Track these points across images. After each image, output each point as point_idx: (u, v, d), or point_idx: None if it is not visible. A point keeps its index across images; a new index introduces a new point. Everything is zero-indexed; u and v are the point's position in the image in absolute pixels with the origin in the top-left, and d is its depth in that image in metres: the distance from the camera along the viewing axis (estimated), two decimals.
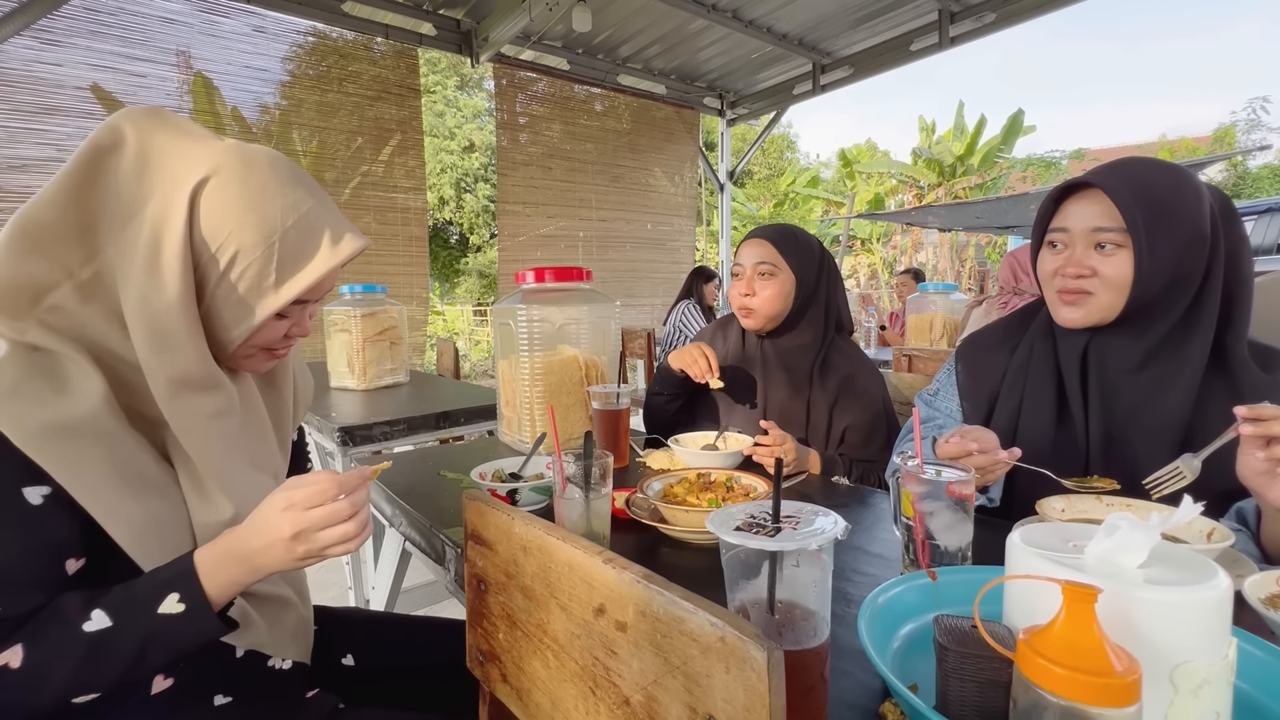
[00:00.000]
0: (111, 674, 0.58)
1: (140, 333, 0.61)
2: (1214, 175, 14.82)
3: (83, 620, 0.57)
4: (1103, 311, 0.88)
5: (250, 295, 0.65)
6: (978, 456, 0.80)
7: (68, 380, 0.60)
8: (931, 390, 1.13)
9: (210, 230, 0.62)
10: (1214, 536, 0.68)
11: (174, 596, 0.59)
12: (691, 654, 0.41)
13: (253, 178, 0.64)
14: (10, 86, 2.98)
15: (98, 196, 0.61)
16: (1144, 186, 0.85)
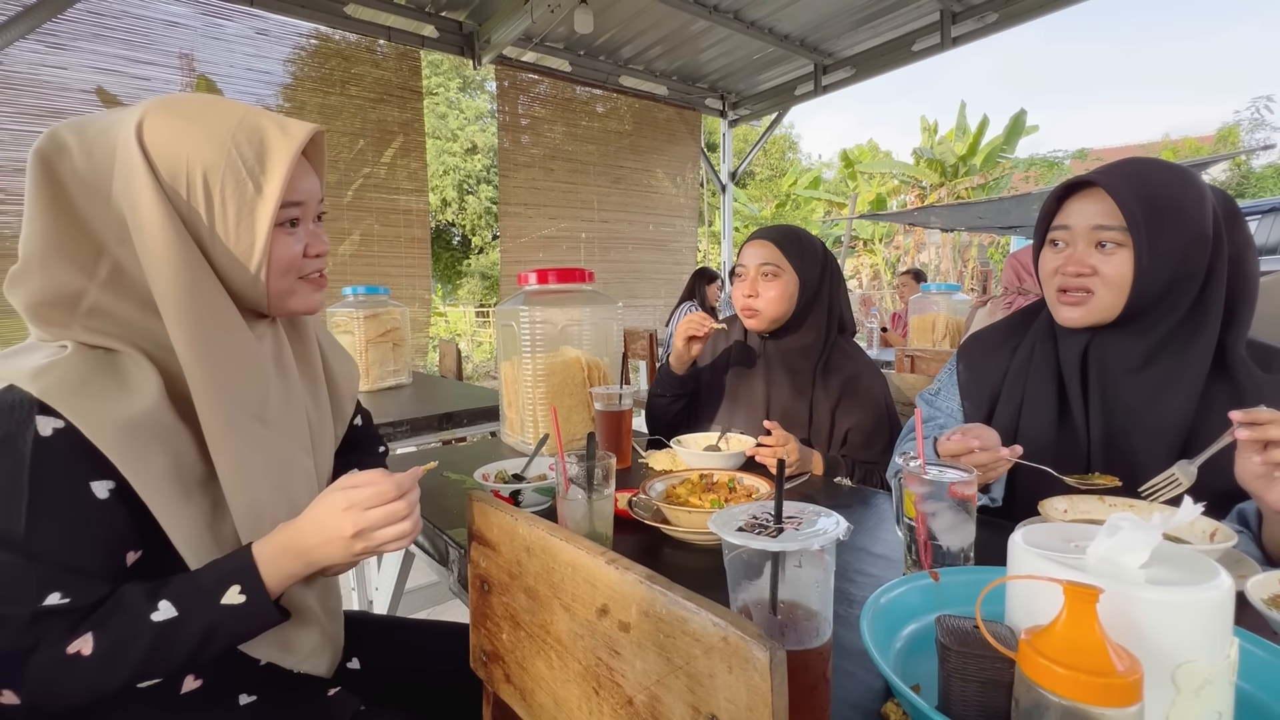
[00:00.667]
0: (176, 661, 0.60)
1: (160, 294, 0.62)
2: (1218, 175, 14.79)
3: (151, 610, 0.59)
4: (1103, 311, 0.88)
5: (242, 212, 0.65)
6: (979, 454, 0.80)
7: (127, 376, 0.62)
8: (933, 390, 1.13)
9: (169, 161, 0.62)
10: (1217, 537, 0.68)
11: (236, 588, 0.62)
12: (694, 654, 0.41)
13: (179, 104, 0.65)
14: (15, 90, 2.99)
15: (71, 196, 0.62)
16: (1145, 186, 0.84)
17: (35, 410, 0.57)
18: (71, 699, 0.58)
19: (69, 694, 0.57)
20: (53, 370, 0.58)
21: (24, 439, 0.57)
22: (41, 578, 0.57)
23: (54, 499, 0.58)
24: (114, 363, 0.62)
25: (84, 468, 0.59)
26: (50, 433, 0.57)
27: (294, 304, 0.73)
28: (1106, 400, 0.90)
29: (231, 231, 0.65)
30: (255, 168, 0.65)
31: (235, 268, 0.66)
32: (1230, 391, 0.84)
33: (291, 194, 0.68)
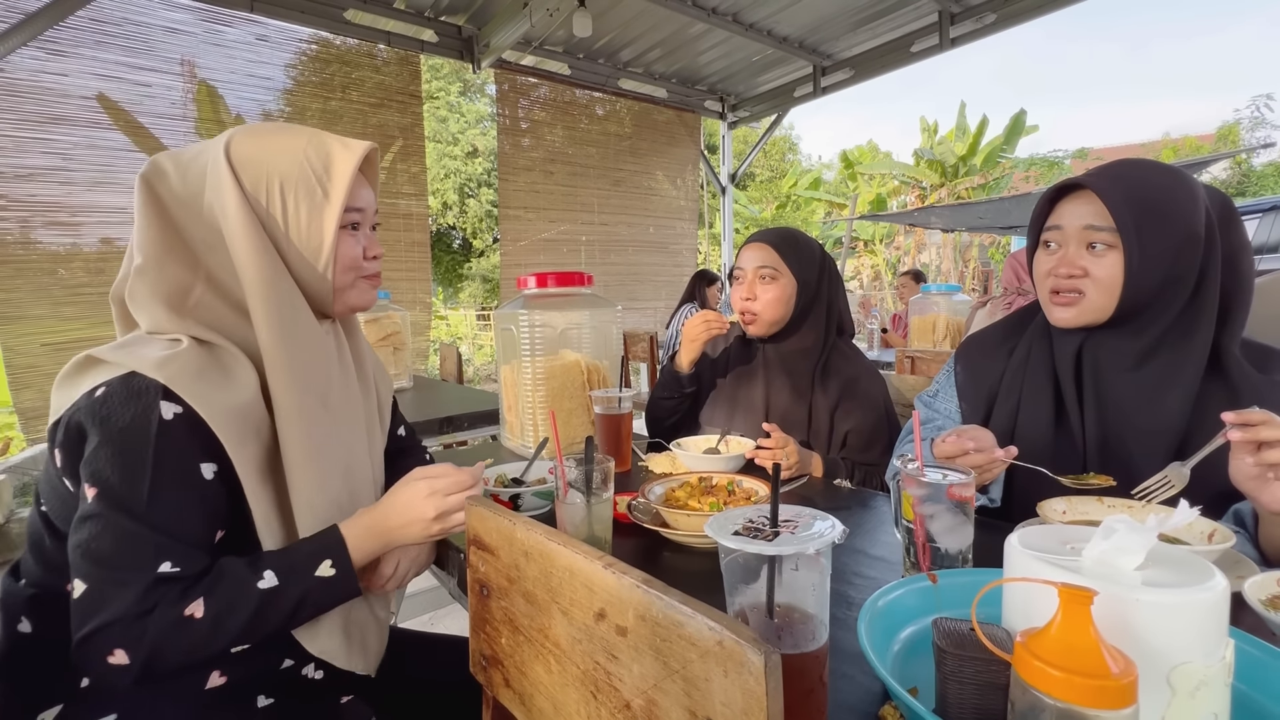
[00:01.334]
0: (271, 625, 0.68)
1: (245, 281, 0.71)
2: (1218, 173, 14.77)
3: (256, 579, 0.67)
4: (1095, 312, 0.88)
5: (313, 215, 0.74)
6: (974, 455, 0.80)
7: (231, 369, 0.70)
8: (931, 392, 1.13)
9: (251, 175, 0.72)
10: (1215, 538, 0.68)
11: (327, 562, 0.71)
12: (690, 658, 0.41)
13: (259, 128, 0.76)
14: (17, 97, 3.00)
15: (170, 211, 0.72)
16: (1136, 187, 0.85)
17: (160, 395, 0.64)
18: (182, 658, 0.64)
19: (180, 652, 0.63)
20: (175, 361, 0.66)
21: (150, 420, 0.64)
22: (157, 546, 0.63)
23: (171, 476, 0.64)
24: (220, 357, 0.70)
25: (195, 450, 0.66)
26: (171, 416, 0.64)
27: (353, 298, 0.82)
28: (1101, 401, 0.90)
29: (304, 232, 0.74)
30: (323, 177, 0.75)
31: (306, 266, 0.76)
32: (1226, 392, 0.84)
33: (352, 200, 0.78)
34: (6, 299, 3.01)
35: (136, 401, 0.64)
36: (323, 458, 0.76)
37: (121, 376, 0.65)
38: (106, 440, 0.63)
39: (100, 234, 3.26)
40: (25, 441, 3.23)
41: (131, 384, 0.65)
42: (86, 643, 0.61)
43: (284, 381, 0.72)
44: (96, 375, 0.67)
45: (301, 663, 0.82)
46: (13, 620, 0.72)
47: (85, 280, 3.20)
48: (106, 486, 0.63)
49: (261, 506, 0.71)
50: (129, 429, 0.63)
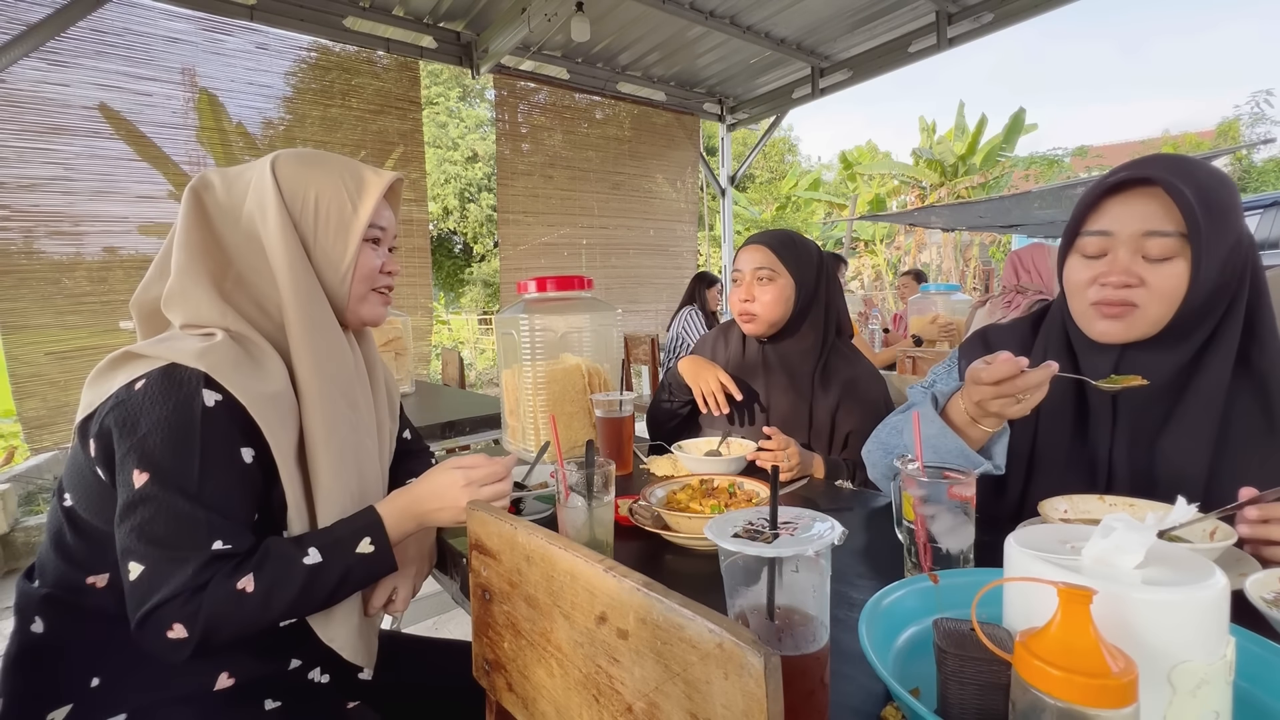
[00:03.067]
0: (317, 600, 0.72)
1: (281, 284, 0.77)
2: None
3: (302, 555, 0.71)
4: (1147, 325, 0.78)
5: (337, 228, 0.81)
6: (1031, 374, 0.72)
7: (263, 361, 0.75)
8: (927, 383, 1.07)
9: (293, 190, 0.79)
10: (1217, 535, 0.68)
11: (367, 539, 0.75)
12: (691, 660, 0.42)
13: (304, 154, 0.84)
14: (19, 107, 3.02)
15: (212, 218, 0.79)
16: (1202, 186, 0.74)
17: (201, 383, 0.68)
18: (235, 630, 0.67)
19: (234, 625, 0.67)
20: (213, 352, 0.70)
21: (195, 407, 0.68)
22: (210, 525, 0.67)
23: (217, 459, 0.69)
24: (252, 350, 0.75)
25: (236, 435, 0.70)
26: (213, 403, 0.69)
27: (365, 311, 0.88)
28: (1135, 421, 0.82)
29: (331, 238, 0.81)
30: (355, 195, 0.83)
31: (329, 269, 0.82)
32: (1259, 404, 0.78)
33: (376, 218, 0.85)
34: (10, 308, 3.03)
35: (179, 390, 0.68)
36: (344, 448, 0.80)
37: (162, 368, 0.69)
38: (154, 427, 0.66)
39: (103, 243, 3.27)
40: (29, 451, 3.24)
41: (172, 374, 0.68)
42: (147, 619, 0.64)
43: (311, 369, 0.77)
44: (133, 369, 0.70)
45: (309, 665, 0.83)
46: (26, 621, 0.74)
47: (88, 289, 3.22)
48: (158, 469, 0.66)
49: (293, 491, 0.75)
50: (175, 415, 0.67)
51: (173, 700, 0.73)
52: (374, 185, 0.84)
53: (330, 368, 0.80)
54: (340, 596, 0.75)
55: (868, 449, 1.04)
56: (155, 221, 3.41)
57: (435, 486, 0.81)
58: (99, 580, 0.73)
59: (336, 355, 0.81)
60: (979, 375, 0.75)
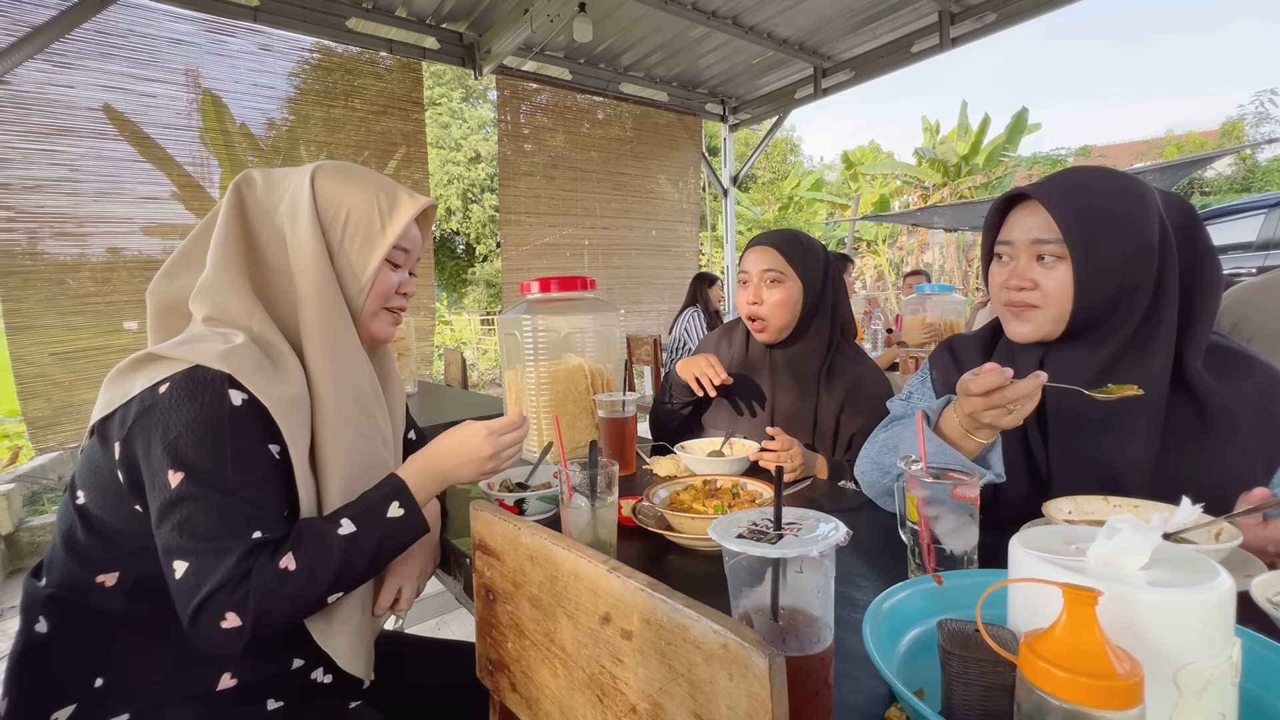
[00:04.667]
0: (360, 568, 0.74)
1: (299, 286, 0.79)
2: (1223, 169, 14.70)
3: (336, 527, 0.73)
4: (1050, 324, 0.86)
5: (363, 243, 0.84)
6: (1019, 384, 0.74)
7: (282, 364, 0.77)
8: (904, 395, 1.11)
9: (327, 200, 0.82)
10: (1222, 536, 0.68)
11: (395, 504, 0.78)
12: (695, 661, 0.42)
13: (346, 167, 0.87)
14: (24, 109, 3.03)
15: (249, 213, 0.81)
16: (1082, 197, 0.83)
17: (227, 384, 0.70)
18: (287, 609, 0.69)
19: (284, 603, 0.69)
20: (236, 354, 0.72)
21: (222, 406, 0.69)
22: (248, 517, 0.69)
23: (249, 454, 0.71)
24: (272, 353, 0.76)
25: (262, 433, 0.72)
26: (239, 403, 0.70)
27: (375, 327, 0.89)
28: (1065, 416, 0.88)
29: (356, 251, 0.84)
30: (386, 214, 0.85)
31: (349, 280, 0.84)
32: (1192, 407, 0.82)
33: (403, 240, 0.87)
34: (15, 309, 3.04)
35: (206, 390, 0.69)
36: (353, 453, 0.81)
37: (185, 371, 0.70)
38: (185, 428, 0.68)
39: (107, 244, 3.28)
40: (34, 451, 3.25)
41: (197, 376, 0.70)
42: (199, 614, 0.66)
43: (326, 374, 0.79)
44: (155, 371, 0.71)
45: (311, 665, 0.83)
46: (31, 620, 0.75)
47: (92, 290, 3.23)
48: (193, 468, 0.67)
49: (305, 491, 0.77)
50: (204, 414, 0.69)
51: (176, 700, 0.74)
52: (407, 207, 0.86)
53: (346, 374, 0.81)
54: (379, 564, 0.77)
55: (861, 468, 1.05)
56: (159, 222, 3.42)
57: (454, 442, 0.84)
58: (108, 579, 0.74)
59: (352, 362, 0.83)
60: (968, 387, 0.78)
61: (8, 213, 3.02)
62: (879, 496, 1.03)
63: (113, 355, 3.26)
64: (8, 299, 3.02)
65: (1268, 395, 0.80)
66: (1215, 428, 0.80)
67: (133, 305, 3.32)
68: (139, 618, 0.74)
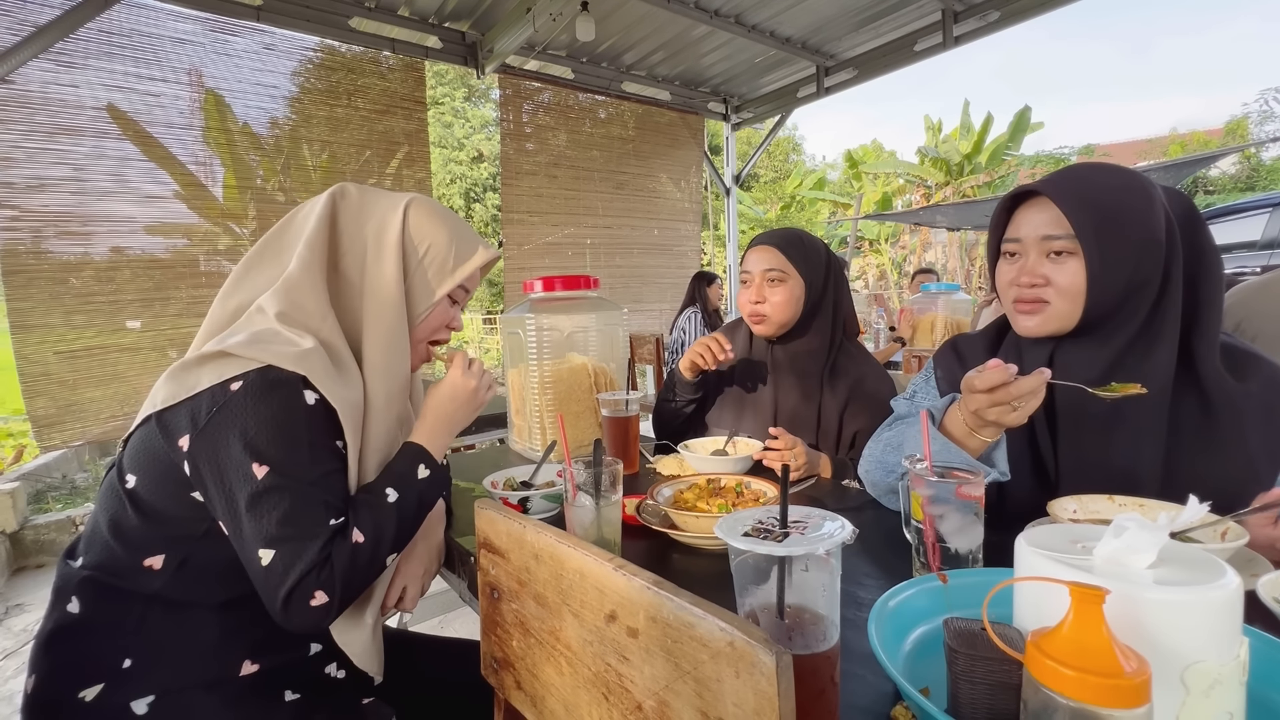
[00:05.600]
0: (410, 528, 0.83)
1: (369, 301, 0.86)
2: (1227, 168, 14.65)
3: (385, 497, 0.80)
4: (1060, 320, 0.86)
5: (435, 275, 0.92)
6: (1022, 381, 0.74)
7: (346, 371, 0.82)
8: (908, 394, 1.11)
9: (416, 232, 0.91)
10: (1228, 535, 0.68)
11: (421, 465, 0.85)
12: (701, 659, 0.42)
13: (438, 207, 0.95)
14: (29, 108, 3.04)
15: (339, 221, 0.89)
16: (1091, 192, 0.83)
17: (302, 385, 0.75)
18: (363, 577, 0.76)
19: (360, 571, 0.75)
20: (309, 357, 0.76)
21: (300, 404, 0.75)
22: (326, 505, 0.75)
23: (323, 448, 0.77)
24: (337, 359, 0.81)
25: (331, 430, 0.78)
26: (313, 401, 0.76)
27: (413, 355, 0.94)
28: (1075, 413, 0.87)
29: (425, 283, 0.91)
30: (459, 257, 0.93)
31: (414, 305, 0.91)
32: (1199, 403, 0.82)
33: (468, 281, 0.95)
34: (19, 308, 3.05)
35: (282, 389, 0.74)
36: (383, 462, 0.86)
37: (259, 370, 0.74)
38: (264, 424, 0.72)
39: (110, 243, 3.29)
40: (38, 449, 3.26)
41: (270, 375, 0.74)
42: (291, 597, 0.70)
43: (379, 388, 0.85)
44: (224, 368, 0.75)
45: (326, 655, 0.85)
46: (62, 601, 0.76)
47: (96, 289, 3.23)
48: (276, 462, 0.72)
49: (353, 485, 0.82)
50: (282, 411, 0.74)
51: (199, 685, 0.76)
52: (480, 255, 0.95)
53: (395, 390, 0.87)
54: (421, 520, 0.85)
55: (865, 467, 1.05)
56: (163, 221, 3.43)
57: (443, 393, 0.92)
58: (155, 562, 0.76)
59: (401, 380, 0.89)
60: (972, 383, 0.78)
61: (12, 211, 3.02)
62: (883, 495, 1.03)
63: (116, 354, 3.27)
64: (12, 298, 3.03)
65: (1274, 391, 0.80)
66: (1222, 424, 0.80)
67: (137, 304, 3.32)
68: (172, 602, 0.76)
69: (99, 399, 3.23)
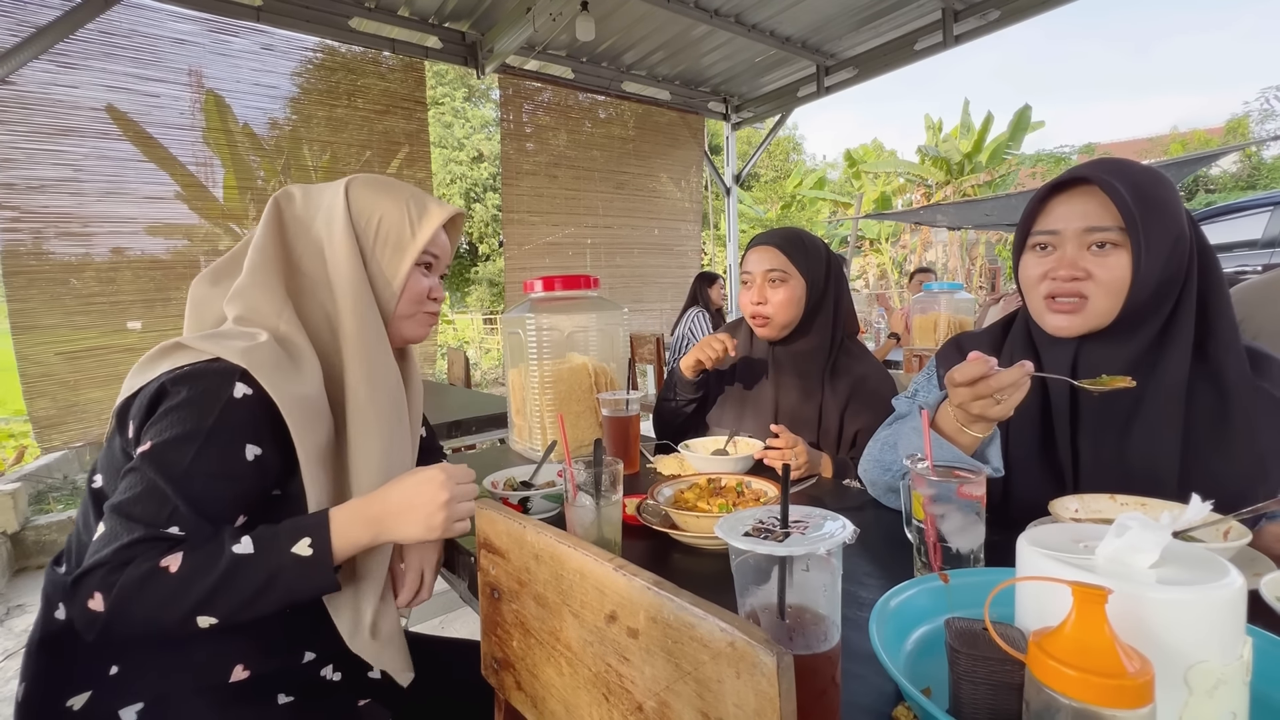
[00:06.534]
0: (239, 597, 0.66)
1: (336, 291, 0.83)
2: (1228, 166, 14.63)
3: (234, 544, 0.68)
4: (1098, 317, 0.82)
5: (394, 248, 0.87)
6: (1001, 374, 0.72)
7: (301, 364, 0.78)
8: (909, 393, 1.10)
9: (360, 209, 0.86)
10: (1230, 534, 0.67)
11: (306, 540, 0.70)
12: (702, 659, 0.41)
13: (377, 179, 0.91)
14: (28, 109, 3.04)
15: (286, 226, 0.86)
16: (1135, 182, 0.80)
17: (237, 378, 0.71)
18: (146, 611, 0.64)
19: (146, 604, 0.63)
20: (256, 351, 0.73)
21: (220, 396, 0.70)
22: (173, 511, 0.66)
23: (217, 448, 0.69)
24: (293, 352, 0.78)
25: (248, 431, 0.71)
26: (240, 395, 0.71)
27: (409, 329, 0.92)
28: (1099, 414, 0.85)
29: (388, 258, 0.87)
30: (416, 221, 0.89)
31: (382, 286, 0.87)
32: (1212, 399, 0.80)
33: (432, 245, 0.91)
34: (20, 309, 3.05)
35: (214, 378, 0.71)
36: (387, 456, 0.83)
37: (205, 361, 0.73)
38: (175, 407, 0.69)
39: (111, 244, 3.29)
40: (39, 450, 3.26)
41: (214, 365, 0.72)
42: (77, 583, 0.64)
43: (362, 378, 0.81)
44: (179, 358, 0.74)
45: (322, 660, 0.84)
46: (50, 607, 0.75)
47: (97, 289, 3.24)
48: (158, 444, 0.68)
49: (315, 492, 0.76)
50: (197, 398, 0.70)
51: (189, 691, 0.75)
52: (435, 214, 0.90)
53: (378, 376, 0.83)
54: (266, 604, 0.67)
55: (864, 466, 1.04)
56: (163, 222, 3.43)
57: (405, 486, 0.75)
58: None
59: (385, 365, 0.85)
60: (953, 377, 0.77)
61: (12, 213, 3.03)
62: (882, 494, 1.03)
63: (117, 355, 3.28)
64: (13, 299, 3.03)
65: None
66: (1236, 422, 0.80)
67: (137, 305, 3.33)
68: None
69: (100, 400, 3.23)
